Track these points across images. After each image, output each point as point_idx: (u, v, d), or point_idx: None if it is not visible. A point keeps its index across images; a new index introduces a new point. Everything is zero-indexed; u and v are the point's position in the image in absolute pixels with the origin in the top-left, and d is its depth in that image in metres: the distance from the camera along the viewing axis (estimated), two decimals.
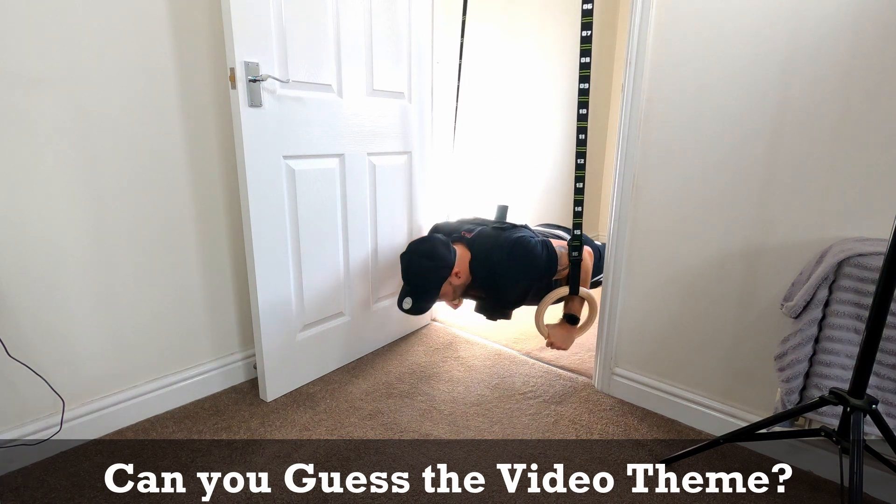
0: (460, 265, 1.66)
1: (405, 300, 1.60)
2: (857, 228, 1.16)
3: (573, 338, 1.78)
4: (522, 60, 2.60)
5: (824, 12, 1.13)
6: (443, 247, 1.61)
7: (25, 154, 1.18)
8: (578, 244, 1.65)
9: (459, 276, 1.66)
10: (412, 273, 1.59)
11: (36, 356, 1.27)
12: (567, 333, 1.77)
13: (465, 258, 1.70)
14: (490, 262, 1.65)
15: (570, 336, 1.77)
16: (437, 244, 1.61)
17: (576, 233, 1.65)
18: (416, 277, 1.58)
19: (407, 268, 1.61)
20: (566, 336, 1.76)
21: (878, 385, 1.08)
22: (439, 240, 1.63)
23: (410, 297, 1.60)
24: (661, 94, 1.39)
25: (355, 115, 1.66)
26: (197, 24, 1.41)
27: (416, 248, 1.62)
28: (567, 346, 1.76)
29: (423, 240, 1.64)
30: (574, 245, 1.65)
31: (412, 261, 1.60)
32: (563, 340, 1.76)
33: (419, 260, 1.58)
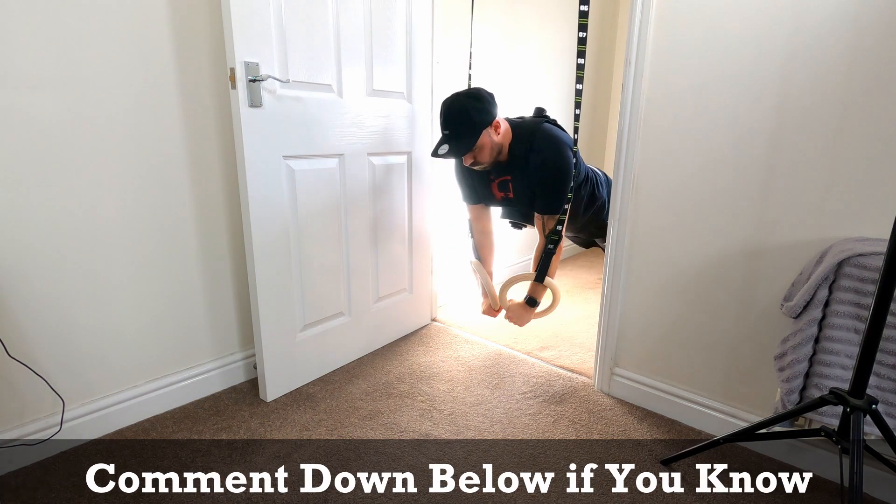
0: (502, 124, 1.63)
1: (441, 146, 1.53)
2: (857, 228, 1.16)
3: (528, 319, 1.86)
4: (522, 60, 2.60)
5: (824, 12, 1.13)
6: (488, 94, 1.57)
7: (25, 154, 1.18)
8: (556, 238, 1.68)
9: (499, 132, 1.61)
10: (454, 109, 1.53)
11: (36, 356, 1.27)
12: (523, 313, 1.84)
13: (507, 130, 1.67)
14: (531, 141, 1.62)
15: (525, 316, 1.84)
16: (483, 90, 1.56)
17: (557, 227, 1.67)
18: (457, 116, 1.52)
19: (448, 107, 1.55)
20: (522, 315, 1.84)
21: (878, 385, 1.08)
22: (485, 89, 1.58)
23: (447, 142, 1.53)
24: (661, 94, 1.39)
25: (355, 115, 1.66)
26: (197, 24, 1.41)
27: (459, 91, 1.57)
28: (522, 324, 1.85)
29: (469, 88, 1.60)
30: (552, 239, 1.68)
31: (456, 100, 1.54)
32: (519, 318, 1.85)
33: (464, 98, 1.52)
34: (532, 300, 1.83)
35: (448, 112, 1.56)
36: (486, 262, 2.02)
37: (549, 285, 1.79)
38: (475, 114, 1.52)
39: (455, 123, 1.53)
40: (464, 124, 1.52)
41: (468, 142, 1.54)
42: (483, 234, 2.00)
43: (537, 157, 1.63)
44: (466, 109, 1.52)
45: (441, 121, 1.59)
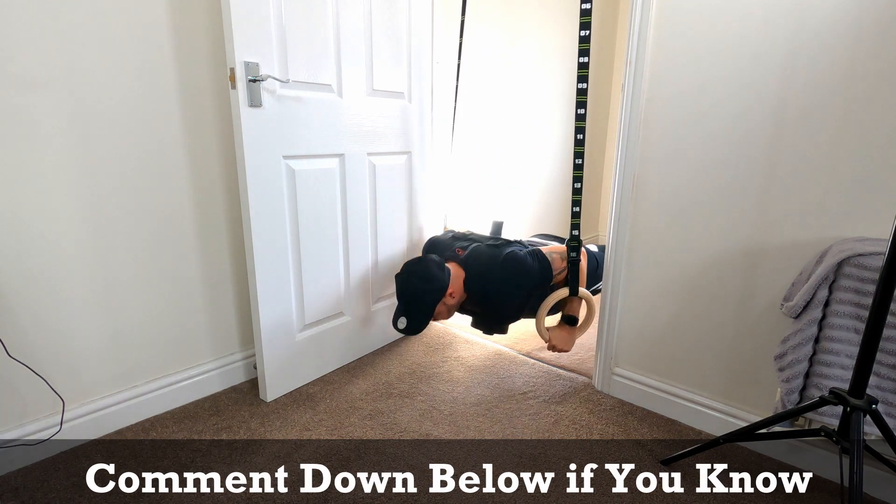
0: (454, 285, 1.69)
1: (400, 320, 1.64)
2: (857, 228, 1.16)
3: (574, 339, 1.78)
4: (522, 60, 2.60)
5: (825, 12, 1.13)
6: (437, 268, 1.64)
7: (26, 154, 1.18)
8: (577, 244, 1.65)
9: (454, 295, 1.69)
10: (407, 294, 1.62)
11: (36, 356, 1.27)
12: (568, 335, 1.77)
13: (460, 277, 1.72)
14: (484, 279, 1.69)
15: (571, 337, 1.77)
16: (431, 266, 1.64)
17: (573, 233, 1.65)
18: (411, 298, 1.62)
19: (402, 288, 1.64)
20: (567, 338, 1.77)
21: (878, 385, 1.08)
22: (433, 261, 1.66)
23: (405, 317, 1.63)
24: (661, 94, 1.39)
25: (355, 115, 1.66)
26: (197, 24, 1.41)
27: (411, 269, 1.65)
28: (569, 348, 1.77)
29: (418, 261, 1.67)
30: (572, 245, 1.65)
31: (407, 281, 1.63)
32: (565, 342, 1.76)
33: (415, 281, 1.61)
34: (572, 318, 1.76)
35: (402, 294, 1.65)
36: None
37: (583, 296, 1.72)
38: (427, 297, 1.62)
39: (410, 305, 1.63)
40: (417, 307, 1.63)
41: (424, 320, 1.65)
42: None
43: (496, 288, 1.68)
44: (418, 293, 1.62)
45: (397, 295, 1.69)
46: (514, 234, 2.76)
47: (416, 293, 1.61)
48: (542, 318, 1.74)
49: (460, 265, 1.75)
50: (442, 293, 1.63)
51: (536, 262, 1.69)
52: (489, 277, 1.67)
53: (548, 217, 3.07)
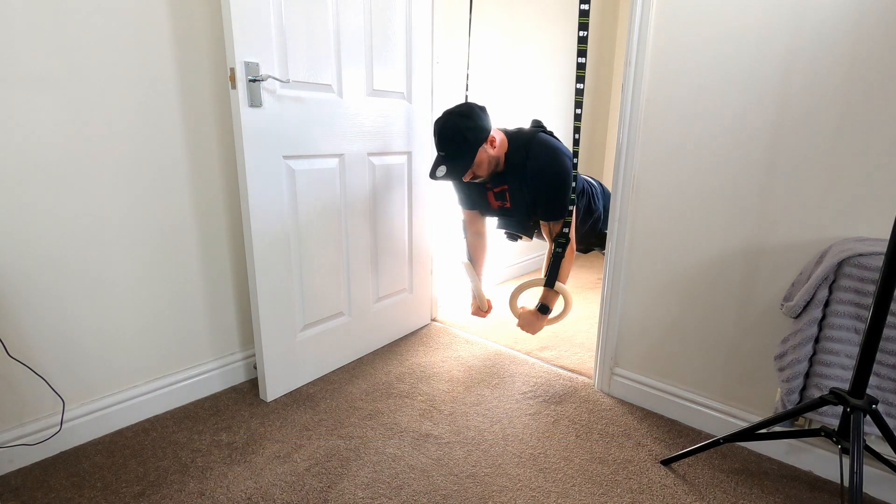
0: (497, 136, 1.61)
1: (439, 168, 1.52)
2: (857, 228, 1.16)
3: (541, 326, 1.83)
4: (522, 61, 2.60)
5: (825, 12, 1.13)
6: (480, 109, 1.55)
7: (26, 154, 1.18)
8: (564, 241, 1.67)
9: (495, 146, 1.60)
10: (448, 132, 1.51)
11: (36, 356, 1.27)
12: (536, 320, 1.81)
13: (503, 140, 1.65)
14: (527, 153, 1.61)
15: (537, 323, 1.82)
16: (473, 106, 1.54)
17: (563, 230, 1.66)
18: (451, 137, 1.51)
19: (441, 128, 1.53)
20: (534, 322, 1.81)
21: (878, 385, 1.08)
22: (476, 104, 1.56)
23: (444, 164, 1.52)
24: (661, 94, 1.39)
25: (355, 115, 1.66)
26: (197, 24, 1.41)
27: (451, 110, 1.55)
28: (533, 333, 1.83)
29: (460, 105, 1.58)
30: (560, 242, 1.67)
31: (448, 120, 1.52)
32: (531, 325, 1.82)
33: (456, 118, 1.51)
34: (544, 307, 1.79)
35: (441, 134, 1.54)
36: (478, 264, 2.02)
37: (560, 291, 1.76)
38: (469, 133, 1.51)
39: (450, 145, 1.52)
40: (459, 145, 1.52)
41: (465, 162, 1.53)
42: (476, 236, 2.01)
43: (535, 165, 1.62)
44: (460, 130, 1.51)
45: (435, 141, 1.59)
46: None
47: (457, 129, 1.50)
48: (517, 297, 1.84)
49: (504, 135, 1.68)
50: (485, 133, 1.52)
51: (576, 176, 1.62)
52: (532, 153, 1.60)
53: None
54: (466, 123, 1.50)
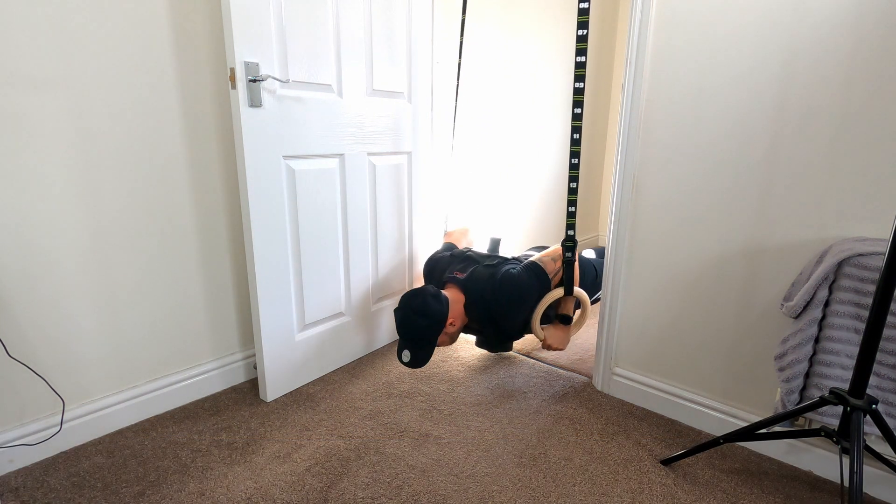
0: (454, 311, 1.69)
1: (404, 353, 1.64)
2: (857, 228, 1.16)
3: (569, 337, 1.80)
4: (522, 60, 2.60)
5: (825, 13, 1.13)
6: (434, 301, 1.63)
7: (27, 156, 1.18)
8: (572, 245, 1.66)
9: (454, 323, 1.70)
10: (408, 331, 1.63)
11: (36, 356, 1.27)
12: (563, 334, 1.79)
13: (460, 301, 1.72)
14: (485, 302, 1.69)
15: (566, 336, 1.79)
16: (428, 300, 1.63)
17: (569, 233, 1.65)
18: (412, 334, 1.62)
19: (402, 325, 1.64)
20: (562, 337, 1.79)
21: (878, 385, 1.08)
22: (430, 293, 1.65)
23: (409, 350, 1.63)
24: (661, 94, 1.39)
25: (355, 115, 1.66)
26: (197, 24, 1.41)
27: (408, 305, 1.64)
28: (564, 346, 1.79)
29: (415, 294, 1.65)
30: (567, 245, 1.66)
31: (406, 318, 1.63)
32: (560, 341, 1.78)
33: (413, 318, 1.61)
34: (566, 318, 1.79)
35: (403, 330, 1.64)
36: None
37: (577, 295, 1.75)
38: (427, 331, 1.62)
39: (411, 341, 1.63)
40: (419, 342, 1.63)
41: (427, 353, 1.65)
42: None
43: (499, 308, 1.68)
44: (418, 330, 1.61)
45: (397, 330, 1.68)
46: (512, 245, 2.77)
47: (415, 329, 1.61)
48: (538, 318, 1.75)
49: (460, 289, 1.75)
50: (442, 325, 1.63)
51: (532, 275, 1.69)
52: (490, 300, 1.68)
53: (548, 217, 3.07)
54: (423, 323, 1.61)
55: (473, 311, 1.73)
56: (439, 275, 1.85)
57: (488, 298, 1.68)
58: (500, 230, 2.70)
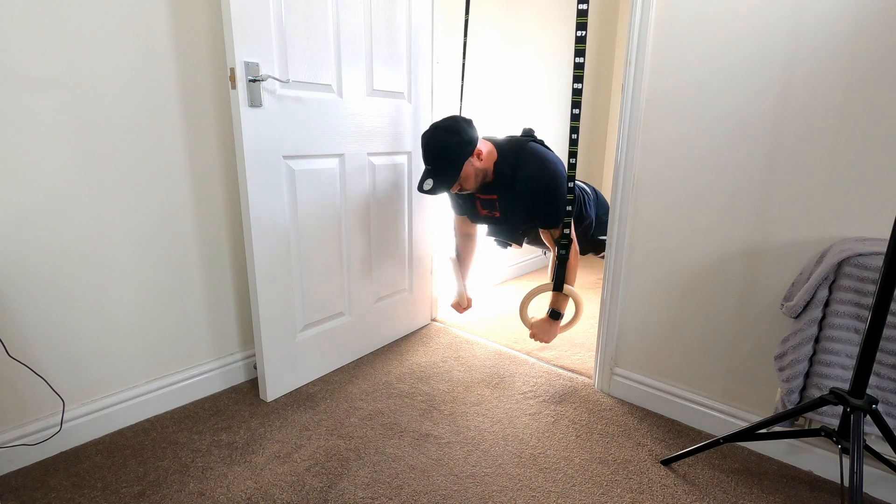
0: (484, 147, 1.62)
1: (426, 182, 1.55)
2: (857, 228, 1.16)
3: (555, 333, 1.80)
4: (522, 61, 2.60)
5: (824, 12, 1.13)
6: (465, 122, 1.56)
7: (27, 156, 1.18)
8: (567, 243, 1.65)
9: (482, 158, 1.61)
10: (433, 148, 1.53)
11: (36, 356, 1.27)
12: (549, 327, 1.78)
13: (492, 152, 1.66)
14: (517, 163, 1.61)
15: (551, 330, 1.79)
16: (459, 120, 1.55)
17: (565, 231, 1.65)
18: (437, 152, 1.53)
19: (427, 144, 1.55)
20: (548, 329, 1.79)
21: (878, 385, 1.08)
22: (462, 117, 1.57)
23: (431, 177, 1.54)
24: (661, 94, 1.39)
25: (355, 115, 1.66)
26: (197, 24, 1.41)
27: (437, 125, 1.56)
28: (548, 340, 1.79)
29: (446, 118, 1.58)
30: (562, 244, 1.66)
31: (433, 135, 1.54)
32: (546, 333, 1.79)
33: (441, 134, 1.52)
34: (555, 313, 1.76)
35: (427, 149, 1.56)
36: (465, 264, 2.05)
37: (569, 294, 1.74)
38: (454, 150, 1.53)
39: (436, 161, 1.54)
40: (445, 161, 1.54)
41: (451, 176, 1.55)
42: (466, 238, 2.03)
43: (524, 175, 1.62)
44: (445, 146, 1.53)
45: (423, 155, 1.61)
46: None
47: (442, 145, 1.52)
48: (526, 306, 1.78)
49: (493, 145, 1.68)
50: (471, 148, 1.54)
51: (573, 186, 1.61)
52: (521, 163, 1.60)
53: None
54: (451, 139, 1.52)
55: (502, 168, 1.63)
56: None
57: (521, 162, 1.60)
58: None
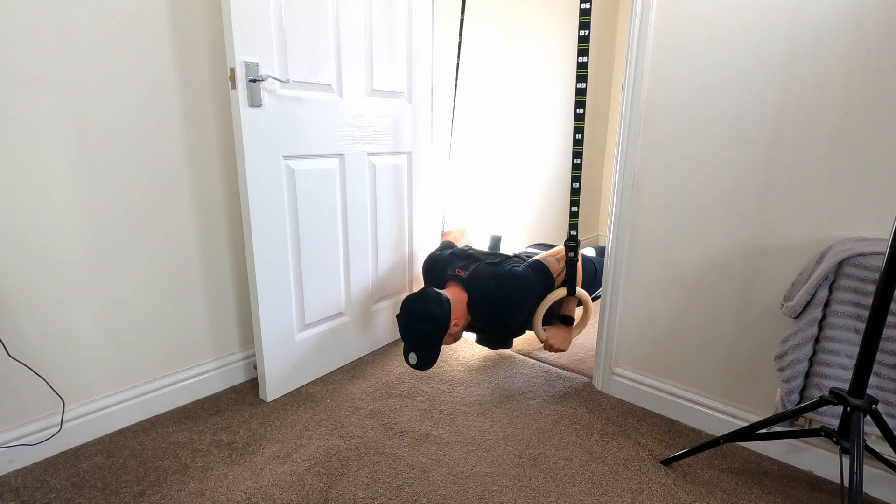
0: (457, 312, 1.68)
1: (410, 356, 1.63)
2: (857, 228, 1.16)
3: (571, 338, 1.79)
4: (522, 61, 2.60)
5: (824, 13, 1.13)
6: (436, 305, 1.62)
7: (26, 156, 1.18)
8: (574, 244, 1.65)
9: (458, 324, 1.68)
10: (412, 336, 1.62)
11: (36, 356, 1.27)
12: (565, 334, 1.78)
13: (462, 300, 1.71)
14: (488, 299, 1.68)
15: (568, 337, 1.78)
16: (429, 304, 1.61)
17: (571, 233, 1.65)
18: (416, 339, 1.61)
19: (405, 331, 1.63)
20: (565, 337, 1.78)
21: (878, 385, 1.08)
22: (431, 297, 1.63)
23: (415, 353, 1.63)
24: (661, 95, 1.39)
25: (355, 115, 1.66)
26: (197, 24, 1.41)
27: (410, 311, 1.63)
28: (566, 347, 1.78)
29: (416, 299, 1.64)
30: (570, 245, 1.66)
31: (409, 325, 1.62)
32: (562, 341, 1.77)
33: (416, 324, 1.60)
34: (568, 318, 1.78)
35: (407, 336, 1.63)
36: None
37: (580, 296, 1.75)
38: (430, 337, 1.60)
39: (415, 345, 1.62)
40: (425, 347, 1.61)
41: (432, 357, 1.63)
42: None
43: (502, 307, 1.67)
44: (422, 336, 1.59)
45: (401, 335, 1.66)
46: (512, 243, 2.77)
47: (419, 335, 1.60)
48: (540, 318, 1.75)
49: (462, 287, 1.73)
50: (445, 329, 1.62)
51: (537, 273, 1.69)
52: (493, 298, 1.67)
53: (547, 218, 3.07)
54: (425, 328, 1.59)
55: (476, 310, 1.72)
56: (440, 273, 1.84)
57: (492, 297, 1.67)
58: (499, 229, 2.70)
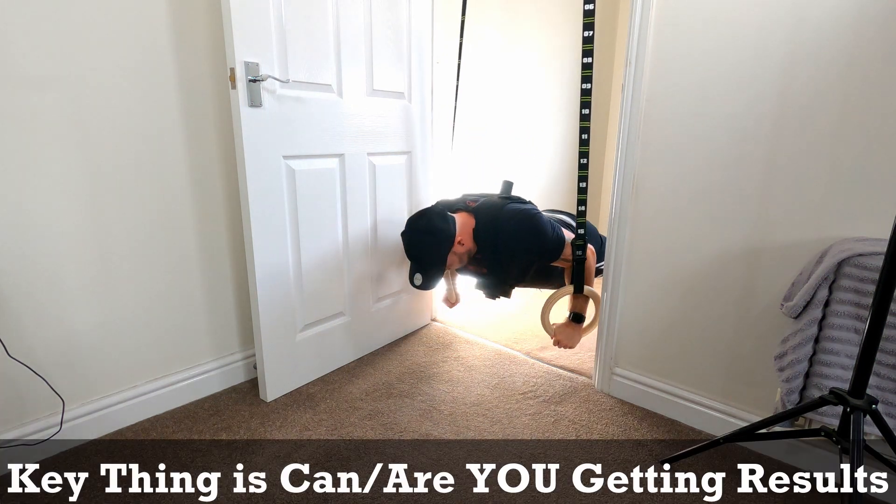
0: (463, 232, 1.63)
1: (415, 276, 1.59)
2: (857, 228, 1.16)
3: (579, 336, 1.79)
4: (522, 61, 2.60)
5: (824, 12, 1.13)
6: (440, 219, 1.58)
7: (27, 156, 1.18)
8: (582, 243, 1.65)
9: (463, 243, 1.63)
10: (415, 251, 1.57)
11: (36, 356, 1.27)
12: (573, 332, 1.77)
13: (469, 225, 1.67)
14: (496, 228, 1.62)
15: (576, 334, 1.78)
16: (433, 218, 1.58)
17: (579, 232, 1.65)
18: (419, 254, 1.57)
19: (409, 247, 1.59)
20: (572, 334, 1.77)
21: (878, 385, 1.08)
22: (435, 212, 1.59)
23: (419, 273, 1.58)
24: (661, 94, 1.39)
25: (355, 115, 1.66)
26: (197, 24, 1.41)
27: (413, 226, 1.59)
28: (573, 345, 1.78)
29: (420, 215, 1.60)
30: (578, 244, 1.65)
31: (412, 238, 1.58)
32: (570, 338, 1.77)
33: (419, 237, 1.56)
34: (578, 316, 1.76)
35: (409, 250, 1.61)
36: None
37: (590, 294, 1.73)
38: (434, 250, 1.57)
39: (420, 261, 1.59)
40: (427, 261, 1.59)
41: (437, 273, 1.61)
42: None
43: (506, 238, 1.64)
44: (425, 247, 1.58)
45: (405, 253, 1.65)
46: None
47: (423, 249, 1.56)
48: (548, 313, 1.75)
49: (470, 213, 1.69)
50: (450, 243, 1.57)
51: (554, 232, 1.64)
52: (501, 227, 1.62)
53: None
54: (428, 240, 1.56)
55: (482, 237, 1.65)
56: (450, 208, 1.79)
57: (500, 227, 1.62)
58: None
